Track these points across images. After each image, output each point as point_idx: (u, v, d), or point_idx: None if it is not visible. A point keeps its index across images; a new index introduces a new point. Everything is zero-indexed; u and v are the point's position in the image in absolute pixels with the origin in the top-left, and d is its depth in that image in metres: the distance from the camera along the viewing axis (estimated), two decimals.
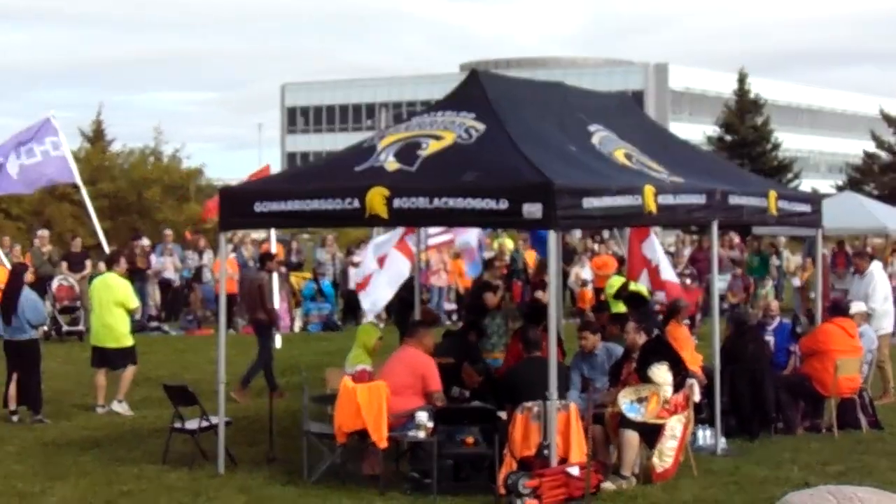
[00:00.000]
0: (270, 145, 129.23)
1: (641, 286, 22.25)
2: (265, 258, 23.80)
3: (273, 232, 28.00)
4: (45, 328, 23.51)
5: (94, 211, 28.80)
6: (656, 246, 22.44)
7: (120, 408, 19.36)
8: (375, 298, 21.25)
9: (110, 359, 19.81)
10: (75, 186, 30.74)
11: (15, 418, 18.94)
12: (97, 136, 60.23)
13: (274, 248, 28.39)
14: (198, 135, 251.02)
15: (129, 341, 19.86)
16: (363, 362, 16.31)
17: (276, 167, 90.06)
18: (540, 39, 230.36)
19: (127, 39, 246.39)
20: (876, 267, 22.31)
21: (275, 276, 25.88)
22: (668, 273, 22.13)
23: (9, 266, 24.00)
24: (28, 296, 19.36)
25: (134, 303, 20.03)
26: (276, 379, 20.64)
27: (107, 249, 26.79)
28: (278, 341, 22.48)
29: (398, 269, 21.11)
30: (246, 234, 34.06)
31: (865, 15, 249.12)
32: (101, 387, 19.72)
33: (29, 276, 20.44)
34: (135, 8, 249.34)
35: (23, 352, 19.21)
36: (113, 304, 19.71)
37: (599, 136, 16.17)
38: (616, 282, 23.77)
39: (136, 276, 32.69)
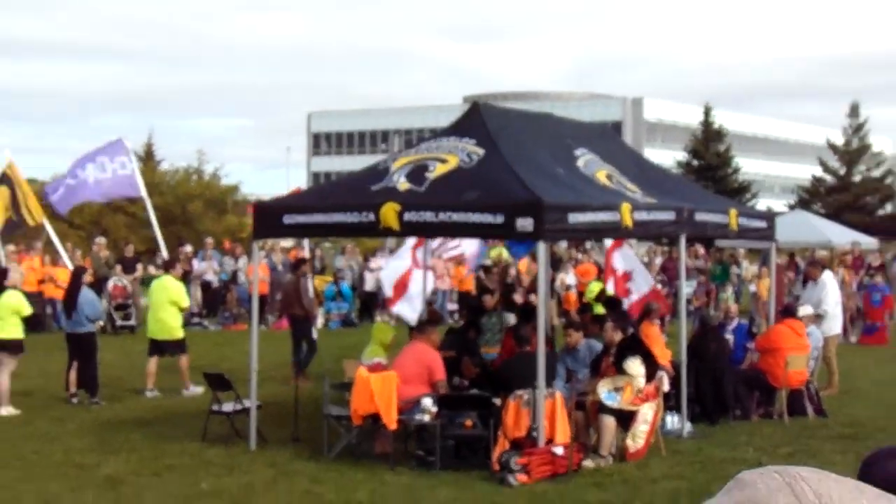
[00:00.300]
0: (297, 166, 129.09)
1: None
2: (300, 263, 24.03)
3: (306, 241, 28.05)
4: (101, 323, 23.49)
5: (155, 221, 28.81)
6: (629, 257, 22.48)
7: (190, 392, 19.37)
8: (413, 308, 21.34)
9: (163, 349, 20.01)
10: (135, 200, 30.80)
11: (74, 400, 18.96)
12: (148, 157, 60.48)
13: (307, 254, 28.48)
14: (234, 156, 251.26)
15: (180, 334, 20.10)
16: (379, 356, 16.38)
17: (302, 185, 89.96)
18: (531, 75, 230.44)
19: (173, 73, 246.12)
20: (827, 275, 22.33)
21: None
22: (640, 283, 22.14)
23: (71, 268, 24.01)
24: (86, 294, 19.46)
25: (186, 302, 20.54)
26: (303, 368, 20.67)
27: (165, 255, 26.91)
28: (314, 333, 22.65)
29: (422, 284, 21.25)
30: (276, 243, 34.04)
31: (813, 58, 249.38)
32: (152, 374, 19.79)
33: (88, 277, 20.56)
34: (179, 46, 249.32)
35: (81, 343, 19.30)
36: (168, 303, 19.99)
37: (584, 159, 16.18)
38: (595, 287, 23.82)
39: (182, 278, 32.79)
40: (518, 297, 24.08)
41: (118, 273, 31.85)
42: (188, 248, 35.92)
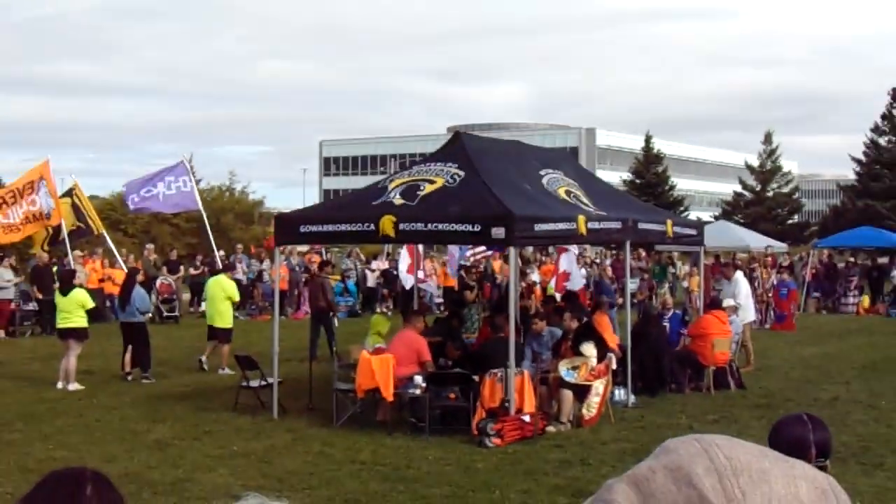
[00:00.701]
0: (311, 185, 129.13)
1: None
2: (324, 265, 24.51)
3: (323, 248, 28.38)
4: (150, 314, 23.42)
5: (209, 229, 29.02)
6: (571, 261, 22.69)
7: (224, 373, 19.27)
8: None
9: (217, 335, 20.08)
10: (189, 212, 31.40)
11: (129, 378, 18.92)
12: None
13: (324, 256, 28.76)
14: (259, 176, 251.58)
15: (230, 324, 20.17)
16: (378, 343, 16.41)
17: (315, 200, 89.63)
18: (502, 109, 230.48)
19: (208, 108, 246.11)
20: (739, 274, 22.43)
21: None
22: (574, 283, 22.41)
23: (124, 269, 24.09)
24: (138, 291, 19.52)
25: (237, 297, 20.65)
26: (317, 350, 20.64)
27: (217, 258, 27.25)
28: (336, 322, 22.96)
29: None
30: (294, 248, 33.97)
31: (734, 94, 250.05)
32: (213, 352, 20.00)
33: (140, 277, 20.54)
34: (213, 87, 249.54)
35: (134, 330, 19.30)
36: (223, 297, 20.10)
37: (548, 178, 16.19)
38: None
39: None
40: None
41: (164, 273, 31.80)
42: (221, 253, 35.86)
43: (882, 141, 62.60)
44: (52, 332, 26.86)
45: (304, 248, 34.91)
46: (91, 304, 18.94)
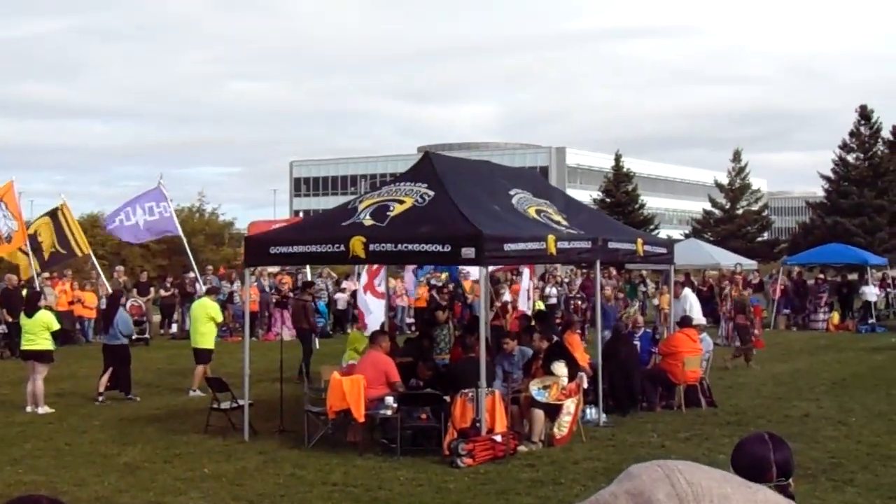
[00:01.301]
0: (281, 205, 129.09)
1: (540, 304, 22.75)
2: (306, 286, 24.64)
3: (308, 268, 28.31)
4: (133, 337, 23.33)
5: (189, 251, 29.27)
6: (525, 280, 22.94)
7: (195, 394, 19.19)
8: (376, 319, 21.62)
9: (198, 356, 19.90)
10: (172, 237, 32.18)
11: (101, 399, 18.79)
12: None
13: (309, 277, 28.80)
14: (229, 198, 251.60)
15: (211, 345, 19.95)
16: (355, 360, 16.49)
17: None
18: (472, 128, 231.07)
19: (177, 130, 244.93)
20: (687, 291, 22.73)
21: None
22: (522, 302, 22.68)
23: (109, 290, 24.29)
24: (122, 314, 19.80)
25: (220, 317, 20.43)
26: (285, 373, 20.50)
27: (199, 279, 27.32)
28: (317, 343, 23.11)
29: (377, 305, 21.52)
30: (264, 269, 33.89)
31: (703, 113, 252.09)
32: (195, 375, 19.73)
33: (124, 300, 20.62)
34: (182, 108, 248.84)
35: (116, 353, 19.33)
36: (206, 319, 19.97)
37: (518, 197, 16.25)
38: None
39: (186, 298, 32.62)
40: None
41: (134, 295, 31.60)
42: (192, 275, 35.72)
43: (850, 158, 63.14)
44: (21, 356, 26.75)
45: (274, 269, 34.78)
46: (56, 327, 18.74)
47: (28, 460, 13.63)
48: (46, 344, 18.28)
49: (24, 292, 28.42)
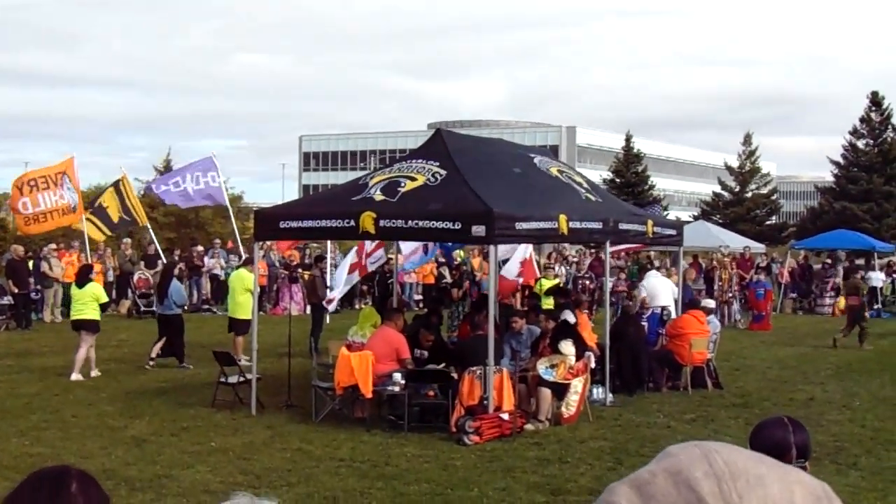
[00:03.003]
0: (291, 180, 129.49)
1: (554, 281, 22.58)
2: (318, 260, 24.87)
3: (329, 243, 28.45)
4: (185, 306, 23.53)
5: (235, 225, 29.67)
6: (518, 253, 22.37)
7: (242, 363, 19.01)
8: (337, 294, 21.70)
9: (234, 326, 20.30)
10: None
11: (152, 364, 19.57)
12: (167, 170, 60.01)
13: (329, 254, 28.94)
14: (238, 171, 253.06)
15: (248, 315, 19.29)
16: (363, 334, 16.60)
17: (293, 197, 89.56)
18: (480, 105, 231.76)
19: (184, 102, 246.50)
20: (653, 273, 22.71)
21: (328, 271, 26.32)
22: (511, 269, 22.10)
23: (163, 260, 27.47)
24: (175, 284, 20.46)
25: (254, 289, 20.02)
26: (293, 347, 20.56)
27: (242, 251, 27.65)
28: (327, 318, 23.28)
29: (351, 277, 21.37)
30: (273, 243, 33.94)
31: (714, 95, 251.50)
32: (236, 345, 19.89)
33: (176, 271, 22.07)
34: (188, 80, 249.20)
35: (170, 322, 20.08)
36: (242, 289, 20.18)
37: (539, 159, 16.28)
38: (546, 283, 23.50)
39: (194, 271, 32.71)
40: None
41: (141, 268, 31.63)
42: (199, 248, 35.76)
43: (860, 144, 62.99)
44: (27, 327, 26.85)
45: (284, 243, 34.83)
46: (105, 298, 19.60)
47: (34, 432, 13.66)
48: (95, 314, 18.84)
49: (31, 263, 28.63)
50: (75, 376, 18.10)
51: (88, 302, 18.73)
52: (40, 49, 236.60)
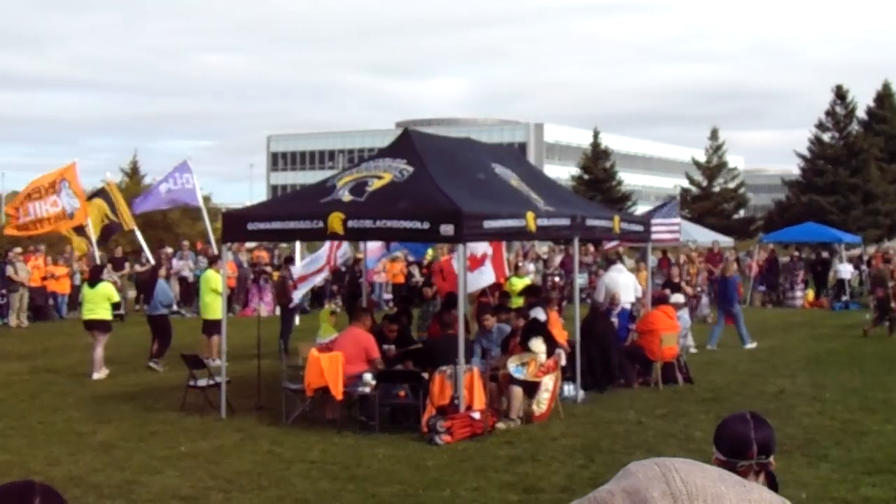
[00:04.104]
0: (259, 180, 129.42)
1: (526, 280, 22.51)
2: (287, 261, 25.00)
3: (298, 244, 28.46)
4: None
5: (209, 225, 29.60)
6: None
7: (214, 364, 18.76)
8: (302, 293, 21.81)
9: (207, 328, 20.43)
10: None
11: (152, 365, 19.79)
12: (133, 172, 59.79)
13: (298, 254, 28.84)
14: (205, 171, 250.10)
15: (216, 315, 19.45)
16: (330, 334, 16.55)
17: (262, 197, 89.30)
18: (446, 103, 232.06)
19: (152, 102, 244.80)
20: (613, 270, 22.72)
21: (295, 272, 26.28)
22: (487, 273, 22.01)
23: (151, 261, 28.41)
24: (161, 284, 20.82)
25: (220, 288, 20.08)
26: (263, 348, 20.47)
27: (215, 250, 27.57)
28: (297, 319, 23.32)
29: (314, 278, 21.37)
30: (241, 244, 33.83)
31: (673, 89, 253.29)
32: (207, 346, 20.13)
33: (162, 272, 22.48)
34: (151, 81, 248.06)
35: (156, 323, 20.42)
36: (208, 290, 20.49)
37: (499, 169, 16.26)
38: (517, 282, 23.38)
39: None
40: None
41: (109, 271, 31.37)
42: (168, 249, 35.55)
43: (826, 137, 63.41)
44: None
45: (251, 244, 34.73)
46: (116, 298, 20.08)
47: (0, 439, 13.51)
48: (106, 314, 19.21)
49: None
50: (97, 375, 18.55)
51: (100, 302, 19.06)
52: (2, 51, 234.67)
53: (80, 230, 27.97)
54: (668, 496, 1.39)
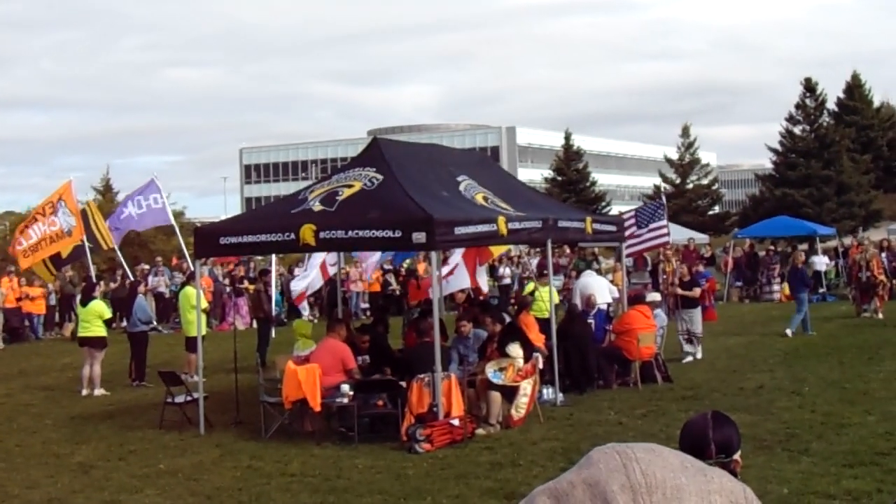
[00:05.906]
0: (233, 193, 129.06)
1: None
2: (262, 274, 24.84)
3: (274, 257, 28.53)
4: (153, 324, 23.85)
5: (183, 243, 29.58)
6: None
7: (192, 379, 18.68)
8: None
9: (188, 344, 20.27)
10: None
11: (135, 384, 19.85)
12: (106, 189, 59.46)
13: (274, 268, 28.91)
14: (178, 186, 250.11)
15: (194, 333, 19.23)
16: (308, 346, 16.56)
17: (236, 210, 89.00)
18: (416, 109, 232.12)
19: (123, 118, 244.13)
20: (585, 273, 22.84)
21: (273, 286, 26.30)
22: (460, 278, 21.88)
23: (131, 278, 27.72)
24: (139, 302, 20.78)
25: (204, 304, 20.24)
26: (240, 362, 20.40)
27: (192, 266, 27.46)
28: (273, 332, 23.27)
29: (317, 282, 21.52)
30: (216, 259, 33.74)
31: (641, 87, 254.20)
32: (188, 362, 19.96)
33: (141, 289, 22.40)
34: (127, 95, 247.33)
35: (133, 339, 20.41)
36: (189, 307, 20.25)
37: (465, 184, 16.24)
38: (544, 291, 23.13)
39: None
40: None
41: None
42: (144, 266, 35.47)
43: (797, 130, 63.70)
44: None
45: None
46: (108, 315, 20.02)
47: None
48: (100, 331, 19.28)
49: None
50: (98, 391, 18.73)
51: (93, 319, 19.18)
52: None
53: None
54: (628, 489, 1.41)
